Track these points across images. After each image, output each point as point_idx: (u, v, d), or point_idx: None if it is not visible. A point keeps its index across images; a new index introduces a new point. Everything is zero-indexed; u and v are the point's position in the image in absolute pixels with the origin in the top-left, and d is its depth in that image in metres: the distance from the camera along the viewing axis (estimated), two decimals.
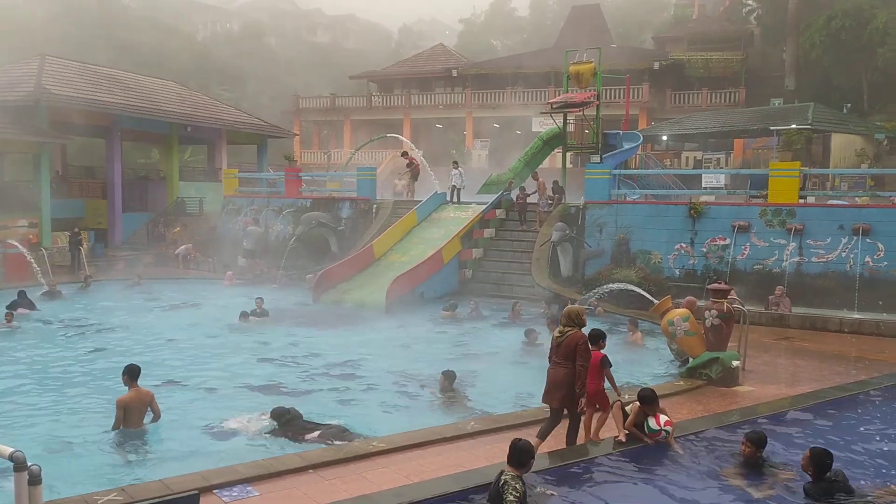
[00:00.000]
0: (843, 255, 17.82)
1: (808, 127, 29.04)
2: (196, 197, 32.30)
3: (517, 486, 5.91)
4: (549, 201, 22.45)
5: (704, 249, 19.53)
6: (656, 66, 43.54)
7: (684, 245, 19.82)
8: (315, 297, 19.84)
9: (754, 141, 34.74)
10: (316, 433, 8.63)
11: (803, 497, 6.53)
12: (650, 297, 13.25)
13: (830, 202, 20.16)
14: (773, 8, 46.04)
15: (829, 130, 30.71)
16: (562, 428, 7.98)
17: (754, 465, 7.25)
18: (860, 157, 30.68)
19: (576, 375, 7.68)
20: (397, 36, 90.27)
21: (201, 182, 34.48)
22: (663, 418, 7.91)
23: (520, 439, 6.28)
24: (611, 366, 8.18)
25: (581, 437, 8.11)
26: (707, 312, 11.32)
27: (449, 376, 10.81)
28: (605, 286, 17.11)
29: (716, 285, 11.83)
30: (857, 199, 21.09)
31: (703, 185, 25.13)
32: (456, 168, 25.56)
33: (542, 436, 7.92)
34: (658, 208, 20.72)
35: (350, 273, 21.00)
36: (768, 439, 7.45)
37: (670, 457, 7.65)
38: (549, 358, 8.07)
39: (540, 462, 6.89)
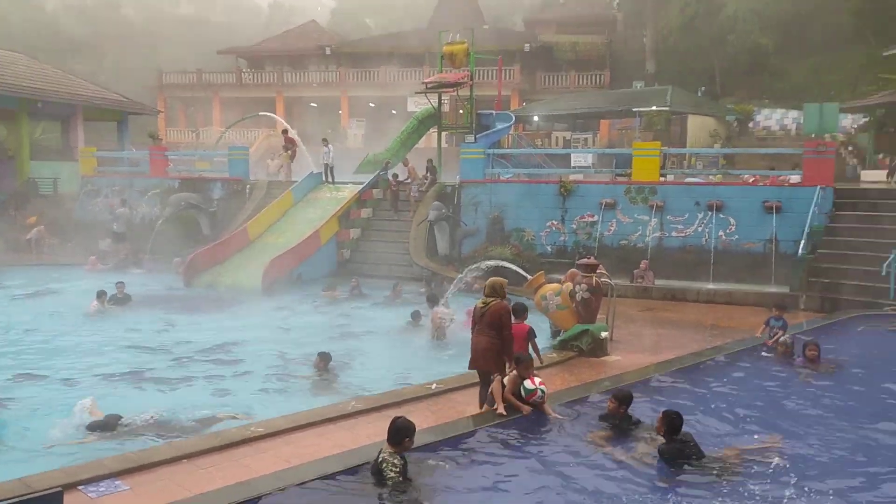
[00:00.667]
0: (700, 229, 19.05)
1: (667, 109, 30.70)
2: (49, 177, 30.10)
3: (395, 461, 6.15)
4: (420, 187, 22.48)
5: (574, 226, 20.31)
6: (527, 48, 44.54)
7: (555, 222, 20.53)
8: (186, 281, 19.11)
9: (619, 122, 36.33)
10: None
11: (657, 458, 6.92)
12: (524, 273, 13.66)
13: (687, 180, 21.46)
14: None
15: (686, 112, 32.57)
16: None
17: (619, 422, 7.68)
18: (714, 138, 32.81)
19: (503, 343, 8.15)
20: (268, 10, 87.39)
21: (55, 161, 32.13)
22: (537, 379, 8.20)
23: (398, 417, 6.41)
24: (535, 336, 9.27)
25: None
26: (577, 287, 11.80)
27: (325, 357, 10.74)
28: (481, 263, 17.45)
29: (585, 261, 12.35)
30: (711, 177, 22.57)
31: (573, 164, 26.12)
32: (326, 145, 25.27)
33: (482, 403, 8.36)
34: (530, 187, 21.32)
35: (224, 255, 20.35)
36: (633, 399, 7.91)
37: (544, 425, 7.94)
38: (472, 327, 8.43)
39: (422, 437, 6.98)
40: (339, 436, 7.71)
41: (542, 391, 8.12)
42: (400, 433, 6.28)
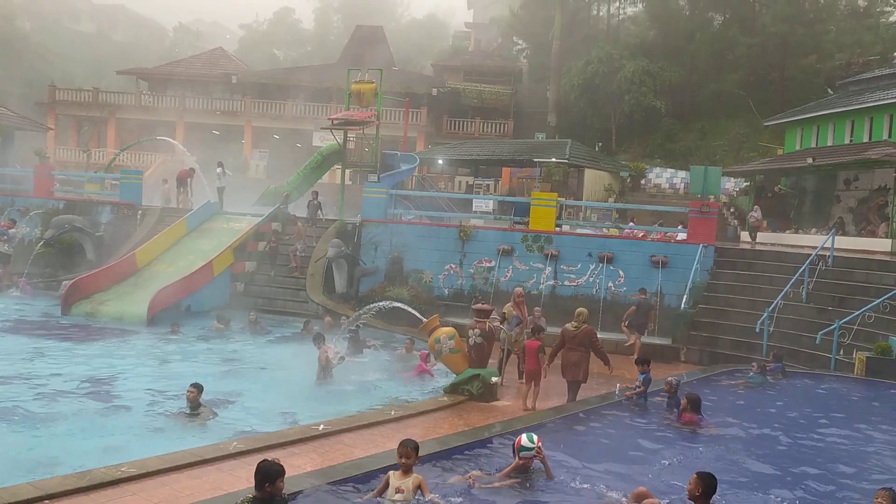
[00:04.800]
0: (591, 279, 19.70)
1: (566, 161, 31.84)
2: None
3: None
4: (305, 252, 21.51)
5: (472, 270, 20.58)
6: (435, 92, 45.32)
7: (454, 266, 20.75)
8: (64, 309, 18.06)
9: (520, 170, 37.34)
10: None
11: None
12: (419, 316, 13.68)
13: (580, 231, 22.21)
14: (539, 49, 50.15)
15: (583, 166, 33.87)
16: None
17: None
18: (608, 192, 34.23)
19: (599, 354, 11.54)
20: (172, 34, 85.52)
21: None
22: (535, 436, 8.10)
23: (263, 460, 6.03)
24: (543, 351, 11.63)
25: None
26: (470, 331, 11.91)
27: (198, 387, 10.22)
28: (377, 303, 17.36)
29: (479, 305, 12.50)
30: (604, 229, 23.47)
31: (474, 209, 26.56)
32: (220, 168, 24.71)
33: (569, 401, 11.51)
34: (431, 229, 21.51)
35: (108, 283, 19.41)
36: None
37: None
38: (560, 345, 11.64)
39: (307, 480, 6.77)
40: (218, 478, 7.41)
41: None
42: (261, 477, 5.87)
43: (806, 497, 7.96)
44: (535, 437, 7.95)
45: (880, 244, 22.68)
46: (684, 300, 17.86)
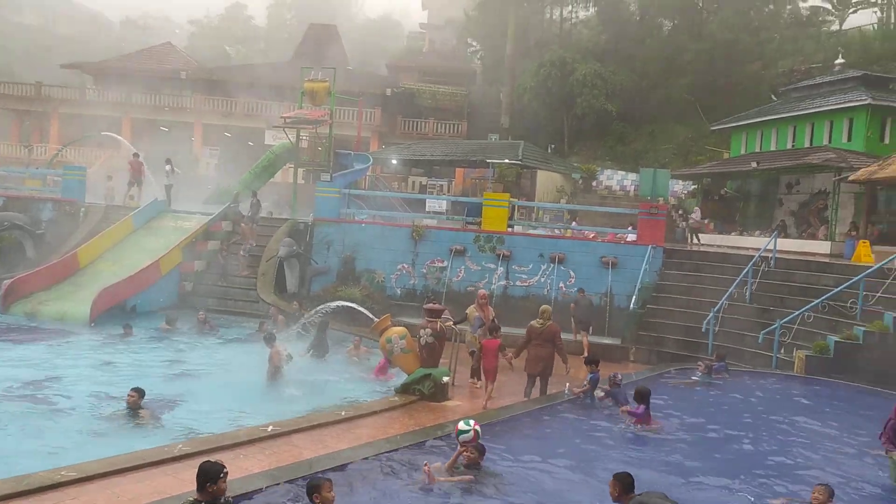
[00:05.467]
0: (542, 280, 19.87)
1: (519, 163, 32.04)
2: None
3: None
4: (249, 251, 21.23)
5: (424, 270, 20.57)
6: (389, 92, 45.18)
7: (406, 266, 20.71)
8: (3, 308, 17.49)
9: (473, 171, 37.47)
10: None
11: None
12: (371, 316, 13.62)
13: (532, 232, 22.40)
14: (493, 51, 50.47)
15: (535, 167, 34.15)
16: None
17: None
18: (560, 193, 34.59)
19: (560, 352, 12.02)
20: (119, 28, 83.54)
21: None
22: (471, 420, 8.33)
23: (205, 461, 5.95)
24: (504, 349, 11.95)
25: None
26: (422, 331, 11.90)
27: (139, 391, 10.01)
28: (330, 303, 17.23)
29: (430, 305, 12.50)
30: (556, 230, 23.70)
31: (427, 210, 26.55)
32: (168, 165, 24.26)
33: (526, 395, 12.02)
34: (384, 229, 21.43)
35: (49, 282, 18.86)
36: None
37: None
38: (527, 341, 12.12)
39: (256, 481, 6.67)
40: (161, 481, 7.25)
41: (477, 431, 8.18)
42: (203, 478, 5.78)
43: (751, 489, 8.18)
44: (471, 421, 8.09)
45: (820, 246, 23.40)
46: (633, 300, 18.15)
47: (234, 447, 8.41)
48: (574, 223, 25.53)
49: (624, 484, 6.48)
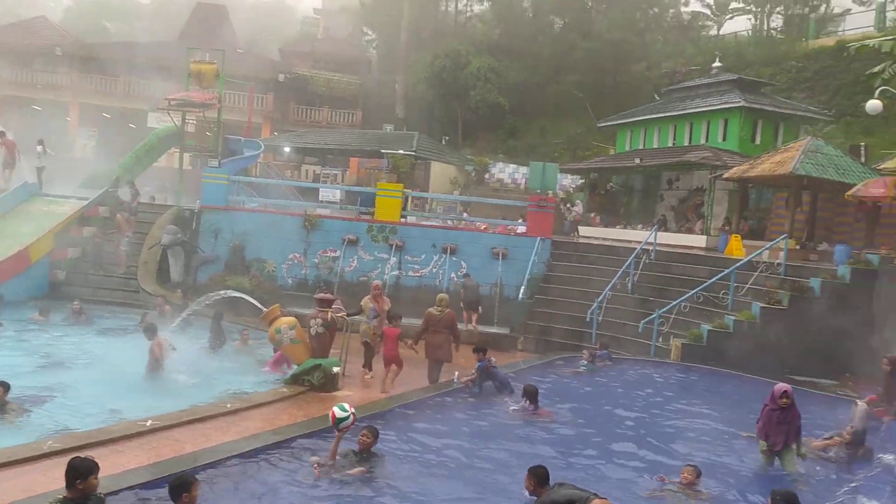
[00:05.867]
0: (435, 270, 20.01)
1: (413, 154, 32.13)
2: None
3: None
4: (126, 238, 20.43)
5: (316, 260, 20.28)
6: (282, 77, 44.21)
7: (298, 255, 20.35)
8: None
9: (368, 161, 37.26)
10: None
11: None
12: (259, 305, 13.30)
13: (425, 223, 22.51)
14: (388, 41, 50.29)
15: (429, 158, 34.32)
16: None
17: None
18: (453, 185, 34.92)
19: (454, 337, 12.55)
20: None
21: None
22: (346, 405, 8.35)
23: (74, 457, 5.69)
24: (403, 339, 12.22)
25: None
26: (312, 321, 11.74)
27: (3, 385, 9.40)
28: (217, 293, 16.68)
29: (321, 295, 12.35)
30: (449, 221, 23.91)
31: (321, 199, 26.17)
32: (40, 146, 22.86)
33: (433, 380, 12.49)
34: (275, 218, 20.95)
35: None
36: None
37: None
38: (425, 328, 12.52)
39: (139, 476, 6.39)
40: (31, 479, 6.86)
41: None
42: (72, 474, 5.52)
43: (639, 466, 8.58)
44: (346, 406, 8.16)
45: (696, 240, 24.66)
46: (522, 291, 18.57)
47: (108, 443, 8.04)
48: (466, 214, 25.84)
49: (539, 477, 6.60)
